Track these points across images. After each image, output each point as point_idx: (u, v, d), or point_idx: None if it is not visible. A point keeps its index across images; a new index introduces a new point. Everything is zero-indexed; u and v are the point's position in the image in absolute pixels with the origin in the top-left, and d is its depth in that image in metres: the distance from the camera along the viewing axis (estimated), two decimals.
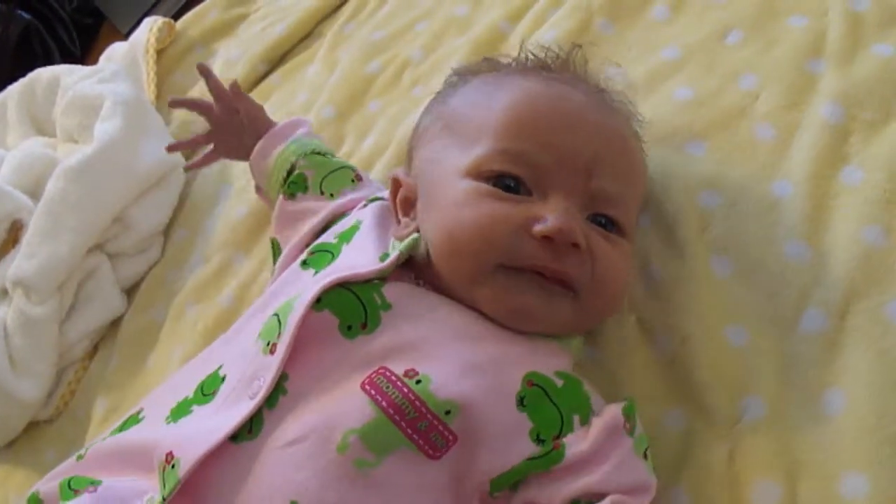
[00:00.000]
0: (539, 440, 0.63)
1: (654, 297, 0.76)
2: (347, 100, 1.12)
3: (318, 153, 0.91)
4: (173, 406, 0.69)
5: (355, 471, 0.60)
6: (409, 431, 0.60)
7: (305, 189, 0.88)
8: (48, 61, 1.94)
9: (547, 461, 0.62)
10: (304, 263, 0.74)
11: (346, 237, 0.76)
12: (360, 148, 1.05)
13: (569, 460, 0.62)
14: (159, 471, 0.63)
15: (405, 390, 0.61)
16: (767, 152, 0.79)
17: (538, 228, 0.65)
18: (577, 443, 0.63)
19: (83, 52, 2.24)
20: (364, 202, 0.83)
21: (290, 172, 0.90)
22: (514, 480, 0.63)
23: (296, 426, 0.61)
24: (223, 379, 0.68)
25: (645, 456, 0.65)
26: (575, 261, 0.66)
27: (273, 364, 0.63)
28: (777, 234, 0.74)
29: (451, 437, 0.61)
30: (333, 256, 0.74)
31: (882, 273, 0.70)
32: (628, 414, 0.65)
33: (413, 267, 0.71)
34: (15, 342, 1.05)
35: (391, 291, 0.67)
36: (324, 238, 0.79)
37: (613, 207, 0.70)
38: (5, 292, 1.09)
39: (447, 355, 0.64)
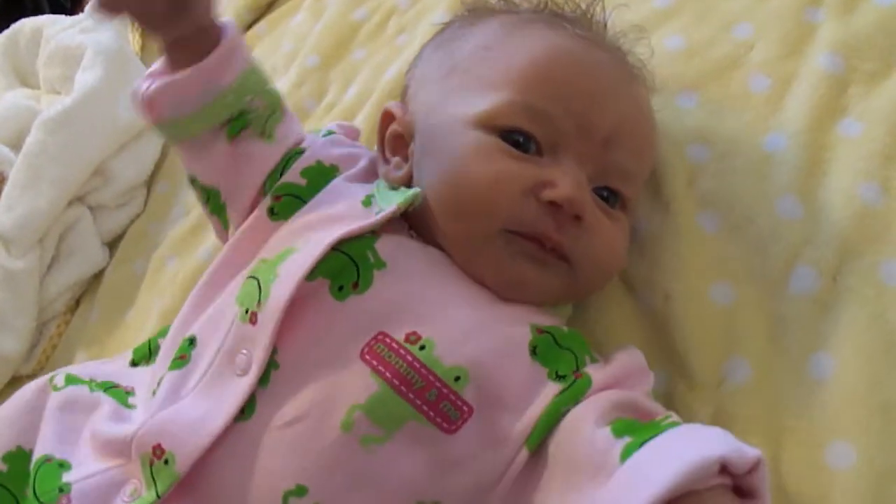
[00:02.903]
0: (559, 377, 0.60)
1: (637, 252, 0.73)
2: (332, 48, 1.09)
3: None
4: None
5: (362, 450, 0.57)
6: (418, 402, 0.57)
7: (246, 126, 0.71)
8: (38, 14, 1.90)
9: (575, 391, 0.60)
10: (273, 213, 0.68)
11: (316, 180, 0.69)
12: (343, 97, 1.03)
13: (597, 384, 0.60)
14: (145, 464, 0.59)
15: (409, 358, 0.58)
16: (761, 104, 0.76)
17: (547, 193, 0.62)
18: (599, 370, 0.61)
19: (73, 4, 2.20)
20: (323, 132, 0.76)
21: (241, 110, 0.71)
22: (548, 427, 0.59)
23: (293, 404, 0.58)
24: (192, 342, 0.64)
25: None
26: (574, 233, 0.63)
27: (261, 338, 0.59)
28: (768, 189, 0.71)
29: (465, 408, 0.58)
30: (303, 202, 0.68)
31: (878, 232, 0.67)
32: None
33: (405, 215, 0.66)
34: None
35: (385, 247, 0.63)
36: (289, 177, 0.69)
37: (622, 182, 0.67)
38: None
39: (449, 316, 0.61)
